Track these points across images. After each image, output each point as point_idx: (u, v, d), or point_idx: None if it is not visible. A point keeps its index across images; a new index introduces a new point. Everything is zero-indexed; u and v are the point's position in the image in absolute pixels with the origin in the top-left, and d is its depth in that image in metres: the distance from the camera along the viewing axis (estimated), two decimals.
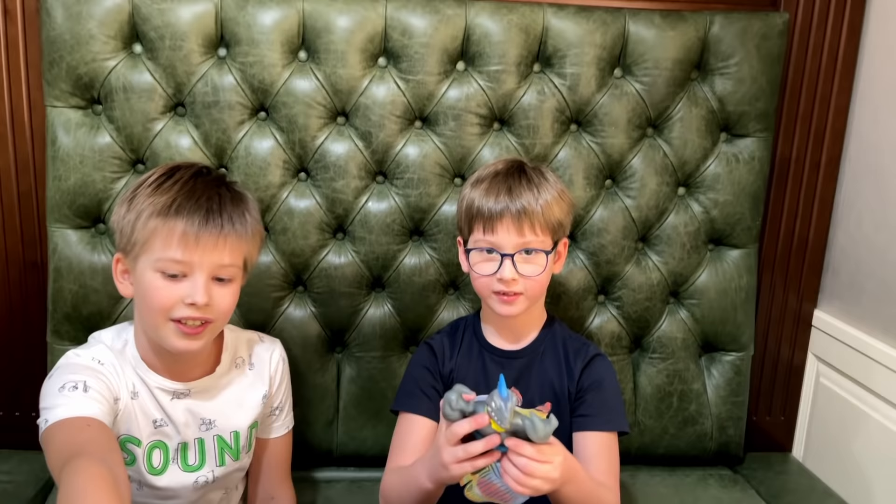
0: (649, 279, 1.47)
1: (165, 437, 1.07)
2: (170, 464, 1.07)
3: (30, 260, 1.46)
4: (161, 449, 1.06)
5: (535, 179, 1.16)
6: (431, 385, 1.21)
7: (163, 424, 1.06)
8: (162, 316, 0.98)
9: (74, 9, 1.29)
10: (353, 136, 1.39)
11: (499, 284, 1.13)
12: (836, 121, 1.54)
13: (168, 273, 0.97)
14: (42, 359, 1.40)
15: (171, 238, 0.97)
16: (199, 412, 1.08)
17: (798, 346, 1.64)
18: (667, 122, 1.45)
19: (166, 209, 0.97)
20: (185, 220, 0.97)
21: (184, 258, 0.97)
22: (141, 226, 0.97)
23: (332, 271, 1.41)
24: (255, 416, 1.14)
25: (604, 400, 1.19)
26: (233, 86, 1.34)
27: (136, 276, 0.99)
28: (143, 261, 0.98)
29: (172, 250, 0.97)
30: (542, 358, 1.22)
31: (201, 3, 1.32)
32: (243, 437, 1.12)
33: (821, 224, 1.58)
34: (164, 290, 0.97)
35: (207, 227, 0.97)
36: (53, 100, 1.32)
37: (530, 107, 1.40)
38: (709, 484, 1.50)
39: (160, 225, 0.97)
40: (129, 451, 1.04)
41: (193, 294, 0.97)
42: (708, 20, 1.42)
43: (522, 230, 1.12)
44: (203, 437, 1.08)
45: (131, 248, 0.99)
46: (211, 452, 1.09)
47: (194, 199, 0.99)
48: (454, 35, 1.37)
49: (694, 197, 1.48)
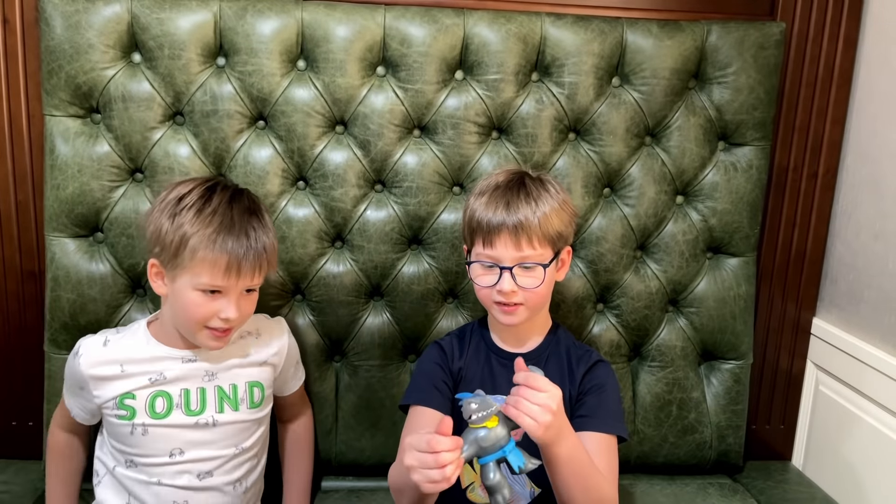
0: (648, 287, 1.47)
1: (167, 387, 1.17)
2: (174, 409, 1.16)
3: (27, 269, 1.46)
4: (164, 397, 1.16)
5: (535, 192, 1.16)
6: (443, 380, 1.22)
7: (160, 379, 1.17)
8: (198, 325, 1.13)
9: (73, 18, 1.29)
10: (352, 144, 1.39)
11: (499, 296, 1.15)
12: (834, 130, 1.55)
13: (207, 291, 1.11)
14: (39, 368, 1.40)
15: (216, 268, 1.10)
16: (202, 367, 1.19)
17: (797, 355, 1.64)
18: (665, 131, 1.45)
19: (212, 242, 1.09)
20: (230, 253, 1.10)
21: (223, 284, 1.11)
22: (188, 252, 1.09)
23: (331, 280, 1.41)
24: (254, 376, 1.22)
25: (603, 403, 1.19)
26: (232, 95, 1.35)
27: (176, 287, 1.12)
28: (185, 279, 1.11)
29: (216, 278, 1.10)
30: (546, 362, 1.23)
31: (200, 13, 1.32)
32: (241, 390, 1.20)
33: (819, 233, 1.59)
34: (203, 306, 1.11)
35: (248, 260, 1.11)
36: (52, 109, 1.32)
37: (529, 115, 1.41)
38: (709, 493, 1.50)
39: (207, 256, 1.09)
40: (127, 407, 1.15)
41: (227, 311, 1.12)
42: (705, 30, 1.42)
43: (520, 244, 1.13)
44: (205, 387, 1.18)
45: (174, 264, 1.11)
46: (211, 400, 1.18)
47: (235, 232, 1.11)
48: (453, 44, 1.38)
49: (692, 205, 1.48)
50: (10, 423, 1.52)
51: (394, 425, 1.43)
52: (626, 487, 1.50)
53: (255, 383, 1.22)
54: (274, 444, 1.37)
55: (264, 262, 1.15)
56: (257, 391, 1.22)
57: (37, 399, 1.42)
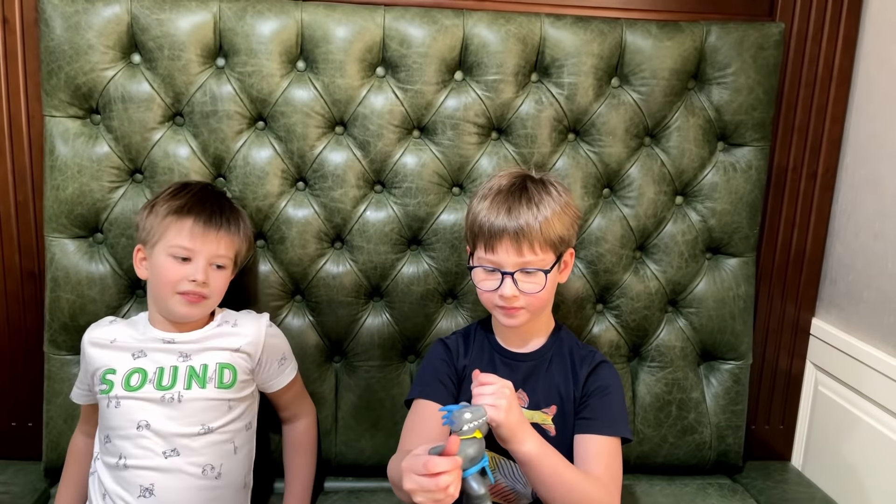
0: (647, 288, 1.47)
1: (143, 363, 1.24)
2: (146, 384, 1.22)
3: (27, 270, 1.46)
4: (140, 373, 1.23)
5: (537, 196, 1.15)
6: (448, 375, 1.23)
7: (140, 356, 1.24)
8: (170, 289, 1.22)
9: (73, 19, 1.29)
10: (352, 145, 1.39)
11: (501, 300, 1.15)
12: (833, 130, 1.55)
13: (177, 257, 1.22)
14: (39, 369, 1.40)
15: (181, 230, 1.22)
16: (178, 349, 1.25)
17: (796, 355, 1.64)
18: (664, 132, 1.45)
19: (180, 209, 1.23)
20: (194, 217, 1.23)
21: (190, 246, 1.22)
22: (159, 222, 1.23)
23: (331, 280, 1.41)
24: (226, 359, 1.26)
25: (607, 405, 1.19)
26: (231, 95, 1.35)
27: (152, 260, 1.24)
28: (159, 248, 1.23)
29: (182, 239, 1.22)
30: (549, 362, 1.24)
31: (200, 14, 1.32)
32: (211, 370, 1.24)
33: (818, 233, 1.59)
34: (174, 269, 1.22)
35: (210, 224, 1.24)
36: (52, 109, 1.32)
37: (528, 116, 1.41)
38: (708, 493, 1.50)
39: (174, 221, 1.22)
40: (108, 381, 1.23)
41: (195, 273, 1.22)
42: (704, 30, 1.42)
43: (521, 250, 1.13)
44: (177, 365, 1.24)
45: (150, 238, 1.24)
46: (182, 377, 1.23)
47: (201, 203, 1.25)
48: (452, 45, 1.38)
49: (692, 206, 1.48)
50: (9, 424, 1.52)
51: (394, 425, 1.43)
52: (626, 488, 1.49)
53: (225, 364, 1.25)
54: (279, 445, 1.39)
55: (226, 234, 1.25)
56: (228, 372, 1.24)
57: (36, 400, 1.42)
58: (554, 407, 1.21)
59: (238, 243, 1.28)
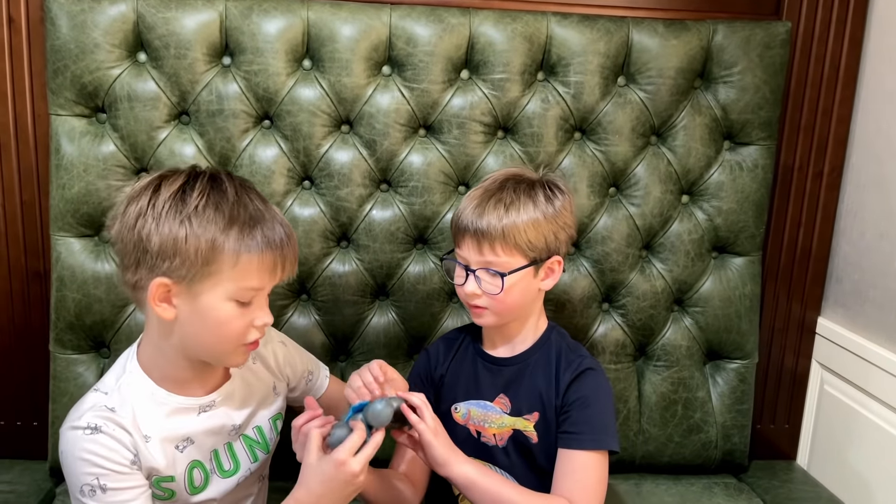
0: (653, 287, 1.47)
1: (196, 455, 1.04)
2: (210, 476, 1.05)
3: (33, 269, 1.46)
4: (199, 468, 1.04)
5: (509, 199, 1.12)
6: (422, 390, 1.21)
7: (187, 445, 1.03)
8: (235, 343, 0.98)
9: (79, 18, 1.29)
10: (358, 144, 1.39)
11: (465, 297, 1.16)
12: (839, 130, 1.55)
13: (242, 301, 0.95)
14: (45, 368, 1.40)
15: (263, 268, 0.95)
16: (227, 421, 1.06)
17: (802, 354, 1.64)
18: (670, 131, 1.45)
19: (253, 239, 0.93)
20: (273, 247, 0.95)
21: (266, 285, 0.97)
22: (226, 256, 0.92)
23: (337, 279, 1.41)
24: (275, 409, 1.14)
25: (588, 417, 1.14)
26: (237, 94, 1.34)
27: (201, 305, 0.94)
28: (219, 291, 0.93)
29: (262, 280, 0.96)
30: (533, 367, 1.20)
31: (206, 12, 1.32)
32: (267, 430, 1.12)
33: (824, 232, 1.59)
34: (240, 318, 0.96)
35: (290, 248, 0.98)
36: (58, 108, 1.32)
37: (534, 115, 1.41)
38: (714, 492, 1.50)
39: (253, 256, 0.93)
40: (165, 489, 1.01)
41: (264, 316, 0.98)
42: (711, 29, 1.42)
43: (481, 249, 1.12)
44: (231, 441, 1.07)
45: (201, 276, 0.92)
46: (242, 453, 1.09)
47: (268, 223, 0.96)
48: (458, 44, 1.38)
49: (698, 205, 1.48)
50: (15, 423, 1.52)
51: None
52: (631, 488, 1.49)
53: (276, 416, 1.14)
54: None
55: (295, 249, 1.00)
56: (280, 423, 1.15)
57: (42, 399, 1.42)
58: (536, 414, 1.18)
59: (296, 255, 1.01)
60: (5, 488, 1.39)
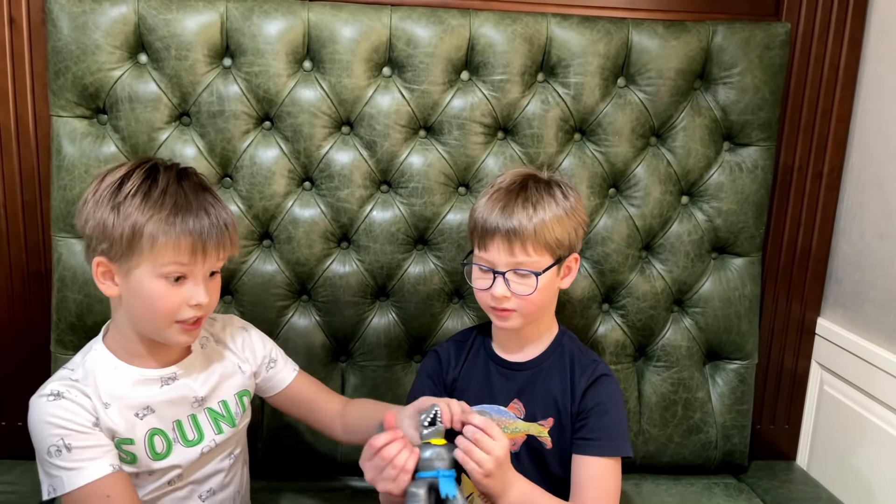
0: (653, 287, 1.47)
1: (157, 423, 1.08)
2: (173, 444, 1.09)
3: (34, 270, 1.46)
4: (160, 436, 1.09)
5: (535, 197, 1.13)
6: (433, 393, 1.20)
7: (147, 414, 1.08)
8: (167, 319, 1.03)
9: (80, 19, 1.29)
10: (358, 145, 1.39)
11: (492, 300, 1.14)
12: (838, 130, 1.55)
13: (171, 278, 1.02)
14: (46, 369, 1.40)
15: (179, 251, 1.01)
16: (189, 392, 1.11)
17: (802, 355, 1.64)
18: (670, 132, 1.45)
19: (171, 225, 1.00)
20: (192, 233, 1.01)
21: (189, 267, 1.02)
22: (145, 240, 1.00)
23: (337, 280, 1.41)
24: (240, 385, 1.17)
25: (605, 424, 1.16)
26: (238, 95, 1.35)
27: (133, 282, 1.02)
28: (144, 268, 1.01)
29: (182, 257, 1.01)
30: (547, 372, 1.21)
31: (207, 14, 1.33)
32: (233, 405, 1.15)
33: (824, 233, 1.59)
34: (169, 295, 1.02)
35: (212, 238, 1.03)
36: (59, 110, 1.32)
37: (534, 116, 1.41)
38: (714, 493, 1.50)
39: (169, 240, 1.00)
40: (127, 452, 1.06)
41: (197, 296, 1.03)
42: (710, 30, 1.43)
43: (513, 250, 1.12)
44: (195, 413, 1.12)
45: (128, 256, 1.01)
46: (206, 425, 1.13)
47: (193, 210, 1.03)
48: (458, 45, 1.38)
49: (697, 206, 1.49)
50: (16, 424, 1.52)
51: None
52: (631, 488, 1.50)
53: (243, 392, 1.17)
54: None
55: (227, 240, 1.05)
56: (246, 399, 1.18)
57: None
58: (551, 420, 1.18)
59: (233, 243, 1.08)
60: (6, 489, 1.40)
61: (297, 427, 1.42)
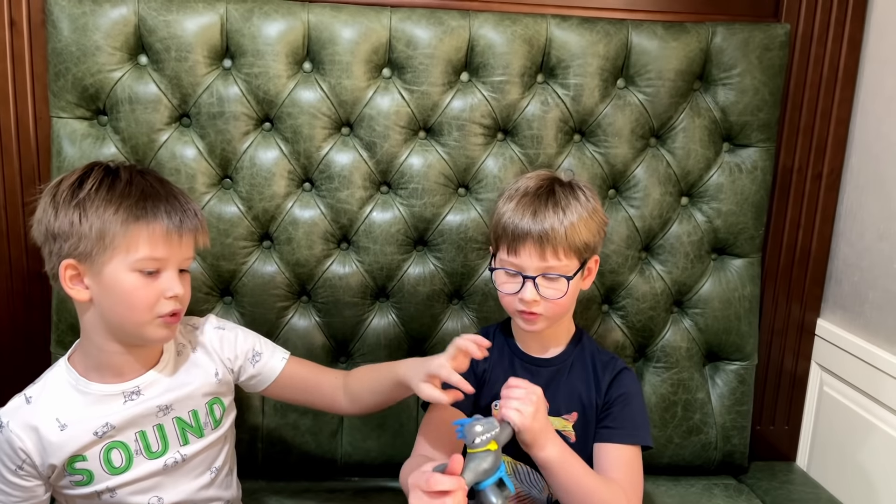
0: (653, 288, 1.48)
1: (118, 436, 1.06)
2: (134, 457, 1.06)
3: (34, 270, 1.46)
4: (119, 448, 1.06)
5: (564, 201, 1.13)
6: (467, 378, 1.21)
7: (107, 430, 1.05)
8: (148, 314, 1.01)
9: (80, 21, 1.29)
10: (358, 146, 1.39)
11: (521, 304, 1.14)
12: (838, 131, 1.55)
13: (146, 271, 1.00)
14: (46, 369, 1.40)
15: (153, 238, 1.00)
16: (151, 404, 1.07)
17: (801, 356, 1.64)
18: (670, 133, 1.45)
19: (143, 211, 0.99)
20: (166, 219, 1.01)
21: (164, 255, 1.01)
22: (119, 229, 0.98)
23: (337, 281, 1.41)
24: (211, 392, 1.13)
25: (629, 414, 1.18)
26: (238, 97, 1.35)
27: (105, 280, 1.00)
28: (117, 263, 0.99)
29: (156, 249, 1.00)
30: (570, 369, 1.22)
31: (207, 15, 1.33)
32: (202, 415, 1.11)
33: (823, 234, 1.59)
34: (146, 288, 1.00)
35: (184, 225, 1.03)
36: (59, 111, 1.32)
37: (534, 117, 1.41)
38: (714, 493, 1.50)
39: (142, 227, 0.99)
40: (81, 471, 1.04)
41: (173, 287, 1.02)
42: (710, 31, 1.43)
43: (544, 255, 1.12)
44: (162, 423, 1.08)
45: (99, 251, 0.98)
46: (172, 435, 1.09)
47: (161, 198, 1.02)
48: (458, 46, 1.38)
49: (697, 206, 1.49)
50: None
51: (400, 426, 1.44)
52: None
53: (214, 400, 1.13)
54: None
55: (199, 227, 1.05)
56: (217, 408, 1.14)
57: None
58: (575, 414, 1.20)
59: (205, 233, 1.07)
60: None
61: (298, 427, 1.42)
